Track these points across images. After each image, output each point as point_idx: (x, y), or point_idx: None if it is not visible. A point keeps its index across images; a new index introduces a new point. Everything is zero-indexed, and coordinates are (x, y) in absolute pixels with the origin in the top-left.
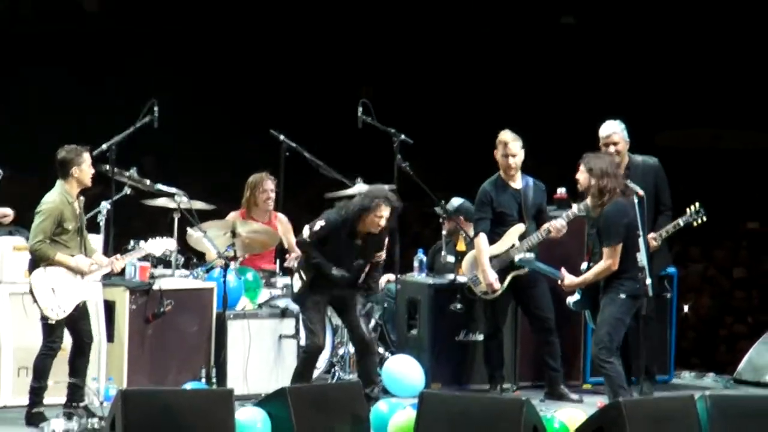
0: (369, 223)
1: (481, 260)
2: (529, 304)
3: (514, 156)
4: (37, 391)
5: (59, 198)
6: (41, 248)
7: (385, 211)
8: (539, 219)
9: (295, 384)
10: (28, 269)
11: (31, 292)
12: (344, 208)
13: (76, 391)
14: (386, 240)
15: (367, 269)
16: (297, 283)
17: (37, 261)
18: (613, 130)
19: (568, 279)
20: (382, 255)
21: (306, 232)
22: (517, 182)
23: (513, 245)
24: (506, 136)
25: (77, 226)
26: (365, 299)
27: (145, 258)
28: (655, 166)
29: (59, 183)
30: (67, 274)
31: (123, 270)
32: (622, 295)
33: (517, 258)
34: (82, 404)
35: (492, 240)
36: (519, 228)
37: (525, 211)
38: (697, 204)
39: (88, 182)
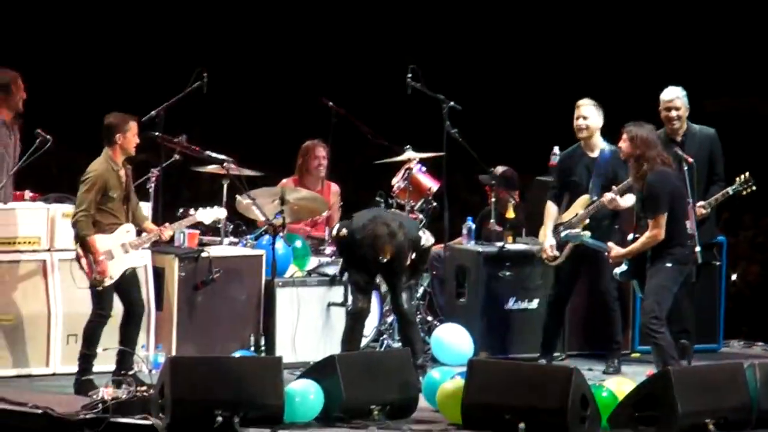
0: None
1: (544, 226)
2: (590, 275)
3: (584, 119)
4: (86, 359)
5: (104, 166)
6: (81, 221)
7: (387, 251)
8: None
9: (342, 349)
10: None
11: (78, 259)
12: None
13: (125, 359)
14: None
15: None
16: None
17: (75, 231)
18: (675, 95)
19: (615, 250)
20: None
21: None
22: (595, 151)
23: (576, 214)
24: (580, 100)
25: (123, 194)
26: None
27: (194, 225)
28: (712, 135)
29: (105, 150)
30: (115, 242)
31: (172, 237)
32: (669, 264)
33: (563, 234)
34: (131, 372)
35: (566, 208)
36: (584, 199)
37: (592, 181)
38: (746, 173)
39: (132, 151)
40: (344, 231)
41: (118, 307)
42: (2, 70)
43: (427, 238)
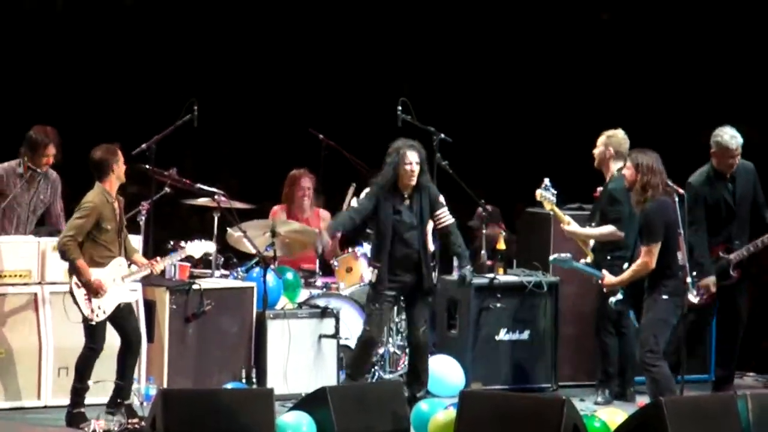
0: (403, 175)
1: None
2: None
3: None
4: (78, 392)
5: (100, 198)
6: (68, 245)
7: (412, 156)
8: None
9: (348, 371)
10: (68, 270)
11: (71, 294)
12: (377, 179)
13: (123, 389)
14: (441, 198)
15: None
16: (373, 274)
17: (62, 257)
18: (739, 143)
19: (608, 278)
20: (445, 214)
21: (353, 202)
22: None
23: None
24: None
25: (117, 226)
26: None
27: (185, 258)
28: (751, 168)
29: (97, 184)
30: (107, 276)
31: (163, 270)
32: (665, 296)
33: (551, 258)
34: (127, 402)
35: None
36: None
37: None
38: None
39: (124, 178)
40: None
41: (110, 340)
42: (39, 128)
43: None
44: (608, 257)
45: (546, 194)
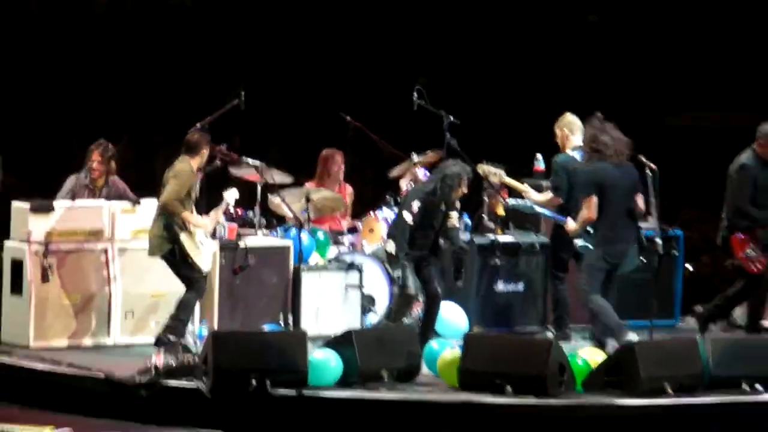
0: (456, 195)
1: None
2: None
3: None
4: (182, 324)
5: (190, 168)
6: (176, 205)
7: (466, 184)
8: None
9: (388, 320)
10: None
11: (177, 252)
12: (431, 188)
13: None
14: (458, 204)
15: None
16: (391, 246)
17: (168, 215)
18: None
19: (570, 224)
20: (456, 215)
21: (408, 217)
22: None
23: None
24: None
25: (196, 197)
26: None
27: (232, 219)
28: None
29: (187, 158)
30: (201, 235)
31: (214, 230)
32: (594, 246)
33: (511, 203)
34: (181, 342)
35: None
36: None
37: None
38: None
39: (204, 164)
40: (418, 204)
41: (177, 287)
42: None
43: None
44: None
45: (491, 168)
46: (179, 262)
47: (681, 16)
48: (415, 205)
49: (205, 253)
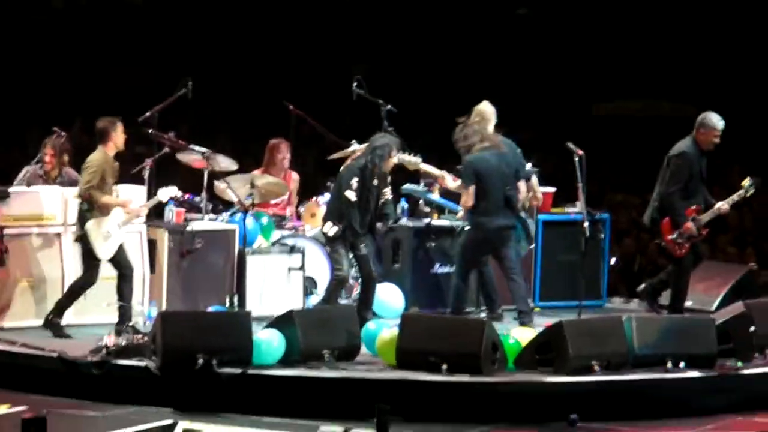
0: (386, 166)
1: None
2: None
3: None
4: (63, 308)
5: (102, 158)
6: (92, 192)
7: (396, 154)
8: None
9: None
10: (77, 219)
11: (84, 238)
12: (363, 161)
13: (124, 313)
14: (389, 178)
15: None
16: (332, 229)
17: (88, 204)
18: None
19: (461, 213)
20: (389, 190)
21: (351, 195)
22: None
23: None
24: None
25: (113, 182)
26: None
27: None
28: None
29: (100, 147)
30: (111, 223)
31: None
32: (468, 228)
33: (404, 187)
34: (130, 323)
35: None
36: None
37: None
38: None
39: (122, 146)
40: (357, 179)
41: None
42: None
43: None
44: None
45: (406, 158)
46: (83, 247)
47: (606, 8)
48: (354, 181)
49: (109, 244)
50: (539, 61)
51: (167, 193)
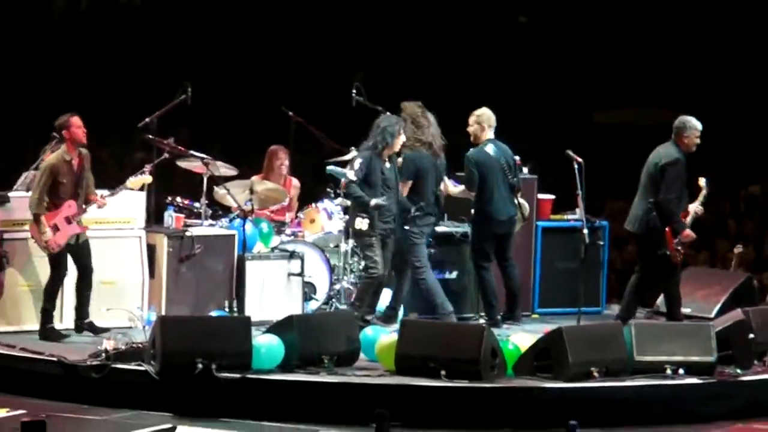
0: (395, 145)
1: None
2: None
3: None
4: (47, 312)
5: (55, 158)
6: (34, 205)
7: (403, 130)
8: None
9: (355, 304)
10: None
11: (32, 235)
12: (372, 142)
13: (82, 312)
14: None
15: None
16: (363, 222)
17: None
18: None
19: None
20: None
21: (351, 174)
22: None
23: None
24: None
25: (73, 179)
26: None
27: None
28: None
29: (60, 147)
30: (60, 217)
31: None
32: (407, 226)
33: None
34: (87, 320)
35: None
36: None
37: None
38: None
39: (82, 139)
40: (360, 160)
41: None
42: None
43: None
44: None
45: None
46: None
47: (608, 15)
48: (357, 162)
49: (60, 232)
50: (539, 68)
51: (138, 181)
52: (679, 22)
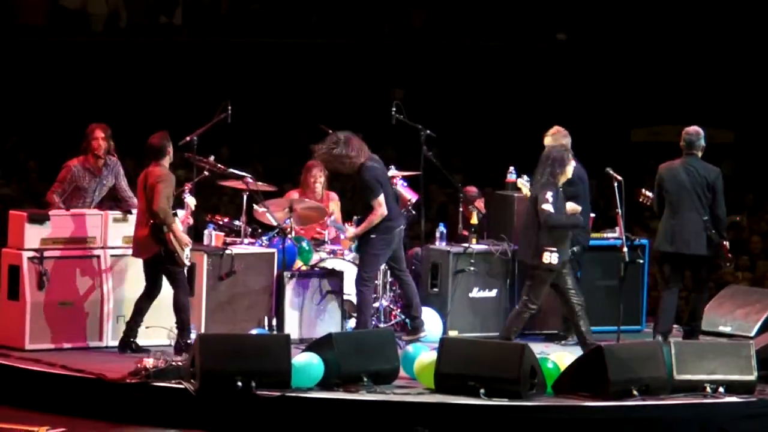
0: (569, 171)
1: None
2: None
3: None
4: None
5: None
6: (165, 212)
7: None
8: None
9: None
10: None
11: (168, 250)
12: (547, 176)
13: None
14: None
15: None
16: (552, 256)
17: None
18: None
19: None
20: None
21: (549, 207)
22: None
23: None
24: None
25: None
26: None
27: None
28: None
29: (160, 162)
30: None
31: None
32: (373, 235)
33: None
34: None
35: None
36: None
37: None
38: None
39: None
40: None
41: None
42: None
43: None
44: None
45: (523, 181)
46: (165, 259)
47: (646, 32)
48: (549, 195)
49: (186, 250)
50: (578, 86)
51: (192, 200)
52: (718, 39)
